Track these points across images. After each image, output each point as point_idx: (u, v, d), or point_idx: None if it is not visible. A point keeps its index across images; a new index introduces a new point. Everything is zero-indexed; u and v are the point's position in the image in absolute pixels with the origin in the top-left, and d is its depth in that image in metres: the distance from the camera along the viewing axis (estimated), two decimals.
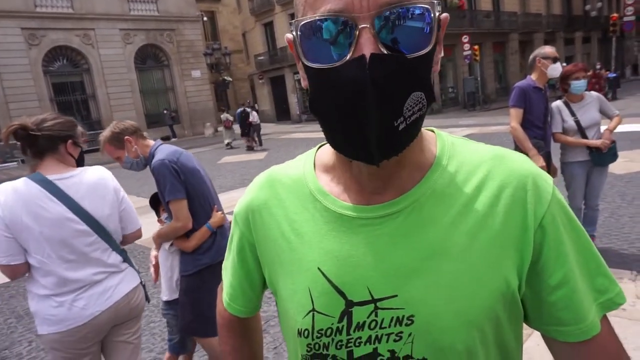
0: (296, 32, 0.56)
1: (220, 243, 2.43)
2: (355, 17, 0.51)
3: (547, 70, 3.56)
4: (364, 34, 0.51)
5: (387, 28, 0.52)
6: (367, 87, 0.50)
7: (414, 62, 0.53)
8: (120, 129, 2.38)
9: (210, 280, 2.40)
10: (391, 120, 0.53)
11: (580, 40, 36.92)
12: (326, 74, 0.54)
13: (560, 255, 0.61)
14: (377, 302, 0.61)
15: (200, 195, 2.37)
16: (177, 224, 2.30)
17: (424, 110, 0.56)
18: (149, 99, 24.41)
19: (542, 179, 0.63)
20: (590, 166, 3.71)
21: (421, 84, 0.54)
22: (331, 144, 0.61)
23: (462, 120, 18.04)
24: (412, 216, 0.62)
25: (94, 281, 1.93)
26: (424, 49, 0.54)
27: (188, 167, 2.32)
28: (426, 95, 0.55)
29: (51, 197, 1.83)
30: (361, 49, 0.51)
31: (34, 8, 19.97)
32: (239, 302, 0.83)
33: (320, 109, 0.58)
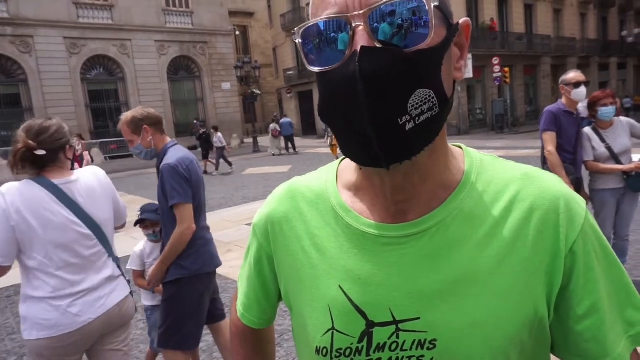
0: (298, 38, 0.57)
1: (202, 254, 2.40)
2: (349, 18, 0.52)
3: (570, 96, 3.51)
4: (358, 32, 0.52)
5: (381, 25, 0.52)
6: (357, 80, 0.50)
7: (412, 56, 0.52)
8: (143, 116, 2.40)
9: (188, 290, 2.37)
10: (392, 116, 0.51)
11: (616, 66, 36.06)
12: (327, 76, 0.55)
13: (589, 283, 0.59)
14: (399, 323, 0.59)
15: (197, 206, 2.38)
16: (182, 227, 2.26)
17: (436, 111, 0.53)
18: (179, 109, 25.02)
19: (575, 202, 0.61)
20: (622, 194, 3.58)
21: (426, 81, 0.52)
22: (343, 151, 0.60)
23: (489, 143, 17.77)
24: (437, 237, 0.60)
25: (91, 287, 1.91)
26: (421, 43, 0.52)
27: (194, 177, 2.34)
28: (436, 94, 0.53)
29: (57, 201, 1.83)
30: (356, 46, 0.52)
31: (76, 18, 20.92)
32: (253, 312, 0.82)
33: (327, 113, 0.58)
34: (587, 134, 3.60)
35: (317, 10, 0.56)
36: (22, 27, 19.32)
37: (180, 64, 24.68)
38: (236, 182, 12.35)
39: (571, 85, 3.51)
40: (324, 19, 0.54)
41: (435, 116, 0.54)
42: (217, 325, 2.77)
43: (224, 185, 11.76)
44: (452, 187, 0.63)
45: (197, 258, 2.38)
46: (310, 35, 0.56)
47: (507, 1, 26.48)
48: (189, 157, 2.37)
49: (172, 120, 24.14)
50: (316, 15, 0.56)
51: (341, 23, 0.53)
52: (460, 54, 0.60)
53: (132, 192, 11.80)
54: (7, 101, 19.73)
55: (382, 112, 0.51)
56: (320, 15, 0.55)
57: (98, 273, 1.95)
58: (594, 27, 33.44)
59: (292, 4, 29.90)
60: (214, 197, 9.95)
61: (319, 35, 0.55)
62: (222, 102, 25.88)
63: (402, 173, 0.57)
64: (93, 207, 1.95)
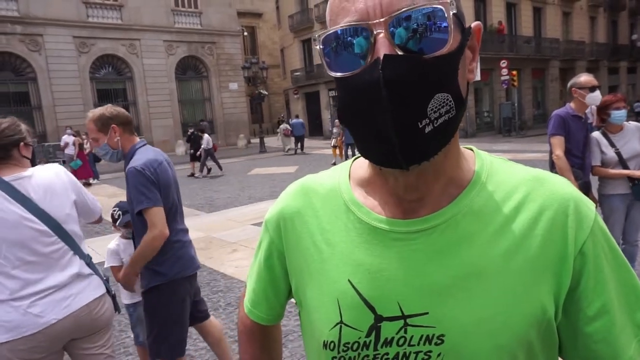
0: (319, 45, 0.59)
1: (179, 258, 2.33)
2: (370, 25, 0.53)
3: (585, 100, 3.47)
4: (380, 39, 0.53)
5: (402, 31, 0.53)
6: (381, 87, 0.51)
7: (432, 62, 0.53)
8: (112, 114, 2.31)
9: (168, 297, 2.31)
10: (413, 120, 0.52)
11: (625, 70, 35.77)
12: (348, 82, 0.56)
13: (599, 284, 0.59)
14: (407, 318, 0.60)
15: (168, 209, 2.28)
16: (153, 232, 2.16)
17: (453, 114, 0.55)
18: (187, 109, 25.14)
19: (584, 204, 0.62)
20: (631, 199, 3.55)
21: (445, 85, 0.54)
22: (361, 152, 0.61)
23: (496, 146, 17.69)
24: (447, 233, 0.61)
25: (55, 286, 1.84)
26: (441, 49, 0.54)
27: (163, 179, 2.24)
28: (454, 97, 0.55)
29: (8, 198, 1.77)
30: (377, 53, 0.53)
31: (86, 18, 21.09)
32: (261, 308, 0.83)
33: (347, 117, 0.59)
34: (596, 139, 3.56)
35: (336, 17, 0.57)
36: (31, 25, 19.51)
37: (188, 63, 24.80)
38: (242, 182, 12.38)
39: (586, 89, 3.47)
40: (344, 26, 0.55)
41: (452, 118, 0.55)
42: (202, 325, 2.72)
43: (230, 185, 11.80)
44: (462, 186, 0.64)
45: (174, 263, 2.30)
46: (331, 41, 0.57)
47: (516, 4, 26.36)
48: (157, 158, 2.28)
49: (179, 120, 24.28)
50: (335, 22, 0.57)
51: (362, 30, 0.54)
52: (472, 56, 0.62)
53: None
54: (16, 99, 19.91)
55: (404, 117, 0.52)
56: (339, 22, 0.56)
57: (62, 271, 1.87)
58: (603, 31, 33.19)
59: (300, 5, 29.96)
60: (220, 197, 9.99)
61: (339, 41, 0.56)
62: (229, 102, 25.97)
63: (416, 172, 0.58)
64: (50, 203, 1.87)
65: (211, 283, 4.72)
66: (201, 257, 5.58)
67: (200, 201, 9.68)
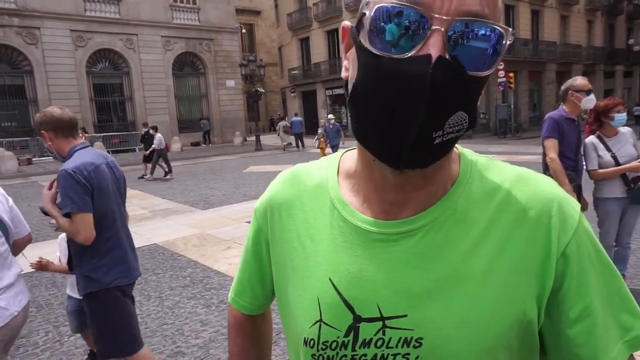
0: (369, 12, 0.53)
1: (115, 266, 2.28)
2: (432, 17, 0.50)
3: (580, 102, 3.48)
4: (436, 35, 0.50)
5: (458, 38, 0.50)
6: (426, 86, 0.48)
7: (470, 80, 0.52)
8: (41, 120, 2.26)
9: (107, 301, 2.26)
10: (432, 130, 0.51)
11: (622, 74, 35.96)
12: (385, 63, 0.52)
13: (582, 286, 0.58)
14: (386, 320, 0.59)
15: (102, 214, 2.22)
16: (77, 238, 2.14)
17: (461, 133, 0.54)
18: (183, 105, 25.06)
19: (569, 204, 0.60)
20: (627, 203, 3.57)
21: (469, 105, 0.53)
22: (360, 138, 0.58)
23: (491, 147, 17.74)
24: (429, 235, 0.60)
25: (9, 284, 1.95)
26: (484, 71, 0.52)
27: (98, 183, 2.19)
28: (469, 119, 0.54)
29: None
30: (427, 49, 0.50)
31: (84, 12, 20.96)
32: (245, 298, 0.82)
33: (363, 98, 0.55)
34: (592, 143, 3.57)
35: None
36: (28, 18, 19.37)
37: (185, 60, 24.71)
38: (237, 179, 12.36)
39: (583, 93, 3.48)
40: (406, 5, 0.50)
41: (458, 137, 0.55)
42: None
43: (225, 182, 11.78)
44: (447, 187, 0.63)
45: (109, 270, 2.24)
46: (383, 14, 0.52)
47: (514, 6, 26.43)
48: (94, 161, 2.21)
49: (175, 116, 24.20)
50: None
51: (421, 18, 0.50)
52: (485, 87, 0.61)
53: (133, 187, 11.81)
54: (11, 92, 19.77)
55: (429, 123, 0.51)
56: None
57: (9, 270, 1.98)
58: (600, 35, 33.34)
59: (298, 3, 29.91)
60: (215, 194, 9.97)
61: (390, 17, 0.51)
62: (226, 100, 25.91)
63: (405, 176, 0.57)
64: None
65: (204, 280, 4.71)
66: (195, 255, 5.59)
67: (194, 198, 9.66)
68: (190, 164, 16.92)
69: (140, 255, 5.62)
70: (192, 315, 3.85)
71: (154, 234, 6.65)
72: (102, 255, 2.23)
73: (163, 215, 8.00)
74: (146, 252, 5.84)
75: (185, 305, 4.07)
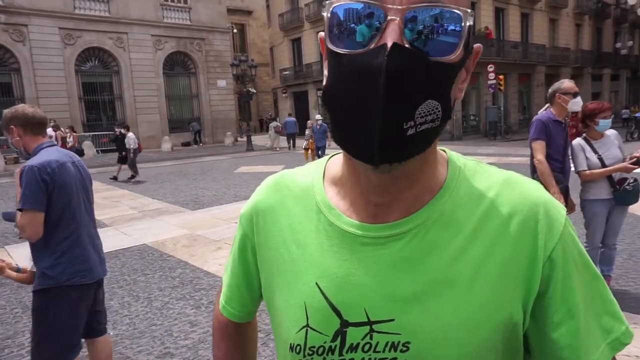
0: (327, 13, 0.55)
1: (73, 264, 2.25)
2: (386, 8, 0.51)
3: (567, 105, 3.53)
4: (392, 25, 0.50)
5: (415, 26, 0.51)
6: (381, 74, 0.49)
7: (435, 66, 0.52)
8: (12, 115, 2.27)
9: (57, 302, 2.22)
10: (399, 119, 0.51)
11: (609, 78, 36.46)
12: (346, 60, 0.53)
13: (566, 290, 0.59)
14: (373, 324, 0.59)
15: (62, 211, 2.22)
16: (23, 235, 2.14)
17: (437, 123, 0.54)
18: (174, 105, 24.89)
19: (555, 209, 0.61)
20: (612, 205, 3.62)
21: (439, 93, 0.53)
22: (336, 139, 0.58)
23: (481, 149, 17.89)
24: (416, 239, 0.60)
25: None
26: (448, 55, 0.52)
27: (60, 181, 2.19)
28: (442, 107, 0.53)
29: None
30: (385, 39, 0.50)
31: (72, 9, 20.72)
32: (234, 305, 0.81)
33: (333, 98, 0.56)
34: (580, 145, 3.62)
35: None
36: (16, 15, 19.09)
37: (176, 59, 24.55)
38: (228, 180, 12.31)
39: (570, 95, 3.53)
40: (360, 1, 0.52)
41: (434, 128, 0.54)
42: (95, 341, 2.56)
43: (216, 183, 11.72)
44: (434, 191, 0.63)
45: (66, 268, 2.22)
46: (340, 13, 0.54)
47: (504, 9, 26.68)
48: (60, 159, 2.23)
49: (166, 116, 24.03)
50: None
51: (376, 12, 0.51)
52: (465, 76, 0.61)
53: (123, 186, 11.72)
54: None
55: (393, 112, 0.50)
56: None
57: None
58: (588, 38, 33.79)
59: (290, 3, 29.89)
60: (206, 195, 9.91)
61: (349, 16, 0.53)
62: (217, 100, 25.79)
63: (390, 175, 0.57)
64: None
65: (194, 281, 4.68)
66: (184, 255, 5.56)
67: (185, 198, 9.60)
68: (181, 164, 16.82)
69: (129, 256, 5.61)
70: (181, 316, 3.83)
71: (143, 234, 6.60)
72: (61, 252, 2.22)
73: (153, 216, 7.94)
74: (135, 252, 5.79)
75: (175, 306, 4.05)
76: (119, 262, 5.39)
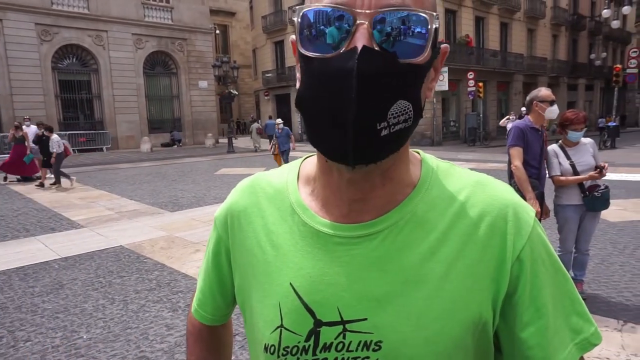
0: (297, 18, 0.56)
1: None
2: (355, 13, 0.52)
3: (544, 113, 3.63)
4: (361, 29, 0.52)
5: (384, 29, 0.52)
6: (353, 77, 0.50)
7: (404, 68, 0.53)
8: None
9: None
10: (373, 120, 0.52)
11: (584, 87, 37.51)
12: (318, 64, 0.54)
13: (535, 289, 0.60)
14: (346, 323, 0.60)
15: None
16: None
17: (409, 123, 0.55)
18: (154, 105, 24.54)
19: (524, 210, 0.62)
20: (584, 211, 3.73)
21: (409, 94, 0.54)
22: (312, 141, 0.59)
23: (461, 155, 18.16)
24: (389, 239, 0.61)
25: None
26: (416, 57, 0.54)
27: None
28: (414, 107, 0.55)
29: None
30: (355, 43, 0.52)
31: (50, 5, 20.25)
32: (207, 308, 0.81)
33: (306, 101, 0.57)
34: (554, 151, 3.74)
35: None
36: None
37: (157, 59, 24.24)
38: (208, 181, 12.19)
39: (547, 103, 3.64)
40: (329, 6, 0.53)
41: (407, 128, 0.55)
42: None
43: (196, 185, 11.59)
44: (407, 191, 0.64)
45: None
46: (310, 18, 0.55)
47: (484, 18, 27.20)
48: None
49: (145, 116, 23.67)
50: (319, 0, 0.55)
51: (345, 16, 0.53)
52: (434, 75, 0.63)
53: (99, 187, 11.47)
54: None
55: (366, 114, 0.52)
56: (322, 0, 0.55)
57: None
58: (564, 49, 34.70)
59: (274, 6, 29.84)
60: (185, 196, 9.79)
61: (319, 20, 0.54)
62: (198, 101, 25.54)
63: (362, 172, 0.58)
64: None
65: (171, 283, 4.61)
66: (162, 257, 5.47)
67: (164, 200, 9.46)
68: (160, 165, 16.57)
69: (104, 257, 5.50)
70: (158, 319, 3.76)
71: (120, 236, 6.47)
72: None
73: (130, 217, 7.79)
74: (111, 254, 5.67)
75: (151, 309, 3.97)
76: (94, 263, 5.27)
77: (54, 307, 4.06)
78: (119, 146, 22.58)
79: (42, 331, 3.58)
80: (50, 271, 5.02)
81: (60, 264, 5.24)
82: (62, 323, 3.72)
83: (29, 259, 5.46)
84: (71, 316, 3.86)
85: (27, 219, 7.80)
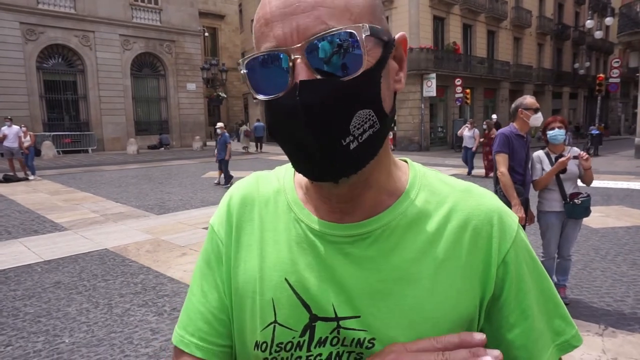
0: (243, 69, 0.60)
1: None
2: (288, 50, 0.54)
3: (529, 120, 3.70)
4: (298, 64, 0.54)
5: (317, 56, 0.54)
6: (298, 112, 0.53)
7: (350, 83, 0.54)
8: None
9: None
10: (336, 139, 0.54)
11: (568, 96, 38.20)
12: (272, 105, 0.58)
13: (520, 292, 0.63)
14: (340, 320, 0.61)
15: None
16: None
17: (377, 127, 0.57)
18: (141, 107, 24.30)
19: (508, 216, 0.65)
20: (566, 217, 3.79)
21: (366, 102, 0.56)
22: (295, 168, 0.62)
23: (448, 160, 18.33)
24: (381, 239, 0.63)
25: None
26: (358, 70, 0.55)
27: None
28: (376, 112, 0.56)
29: None
30: (297, 78, 0.54)
31: (35, 4, 19.97)
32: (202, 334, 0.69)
33: (274, 133, 0.60)
34: (539, 157, 3.81)
35: (258, 42, 0.59)
36: None
37: (145, 60, 24.03)
38: (195, 184, 12.11)
39: (532, 110, 3.71)
40: (265, 52, 0.56)
41: (376, 132, 0.57)
42: None
43: (183, 187, 11.50)
44: (396, 195, 0.66)
45: None
46: (253, 66, 0.58)
47: (472, 26, 27.56)
48: None
49: (132, 118, 23.43)
50: (258, 47, 0.58)
51: (281, 55, 0.55)
52: (399, 66, 0.63)
53: (84, 189, 11.31)
54: None
55: (325, 138, 0.54)
56: (261, 47, 0.58)
57: None
58: (549, 58, 35.32)
59: None
60: (172, 199, 9.71)
61: (261, 66, 0.58)
62: (186, 103, 25.37)
63: (347, 184, 0.60)
64: None
65: (157, 287, 4.56)
66: (148, 261, 5.42)
67: (150, 202, 9.36)
68: (147, 167, 16.41)
69: (88, 261, 5.42)
70: (143, 323, 3.72)
71: (105, 239, 6.38)
72: None
73: (115, 220, 7.70)
74: (96, 257, 5.59)
75: (136, 313, 3.93)
76: (77, 267, 5.19)
77: (36, 310, 3.99)
78: (104, 148, 22.30)
79: (23, 335, 3.52)
80: (32, 274, 4.93)
81: (43, 267, 5.15)
82: (44, 327, 3.66)
83: (11, 262, 5.37)
84: (54, 320, 3.80)
85: (9, 221, 7.66)
